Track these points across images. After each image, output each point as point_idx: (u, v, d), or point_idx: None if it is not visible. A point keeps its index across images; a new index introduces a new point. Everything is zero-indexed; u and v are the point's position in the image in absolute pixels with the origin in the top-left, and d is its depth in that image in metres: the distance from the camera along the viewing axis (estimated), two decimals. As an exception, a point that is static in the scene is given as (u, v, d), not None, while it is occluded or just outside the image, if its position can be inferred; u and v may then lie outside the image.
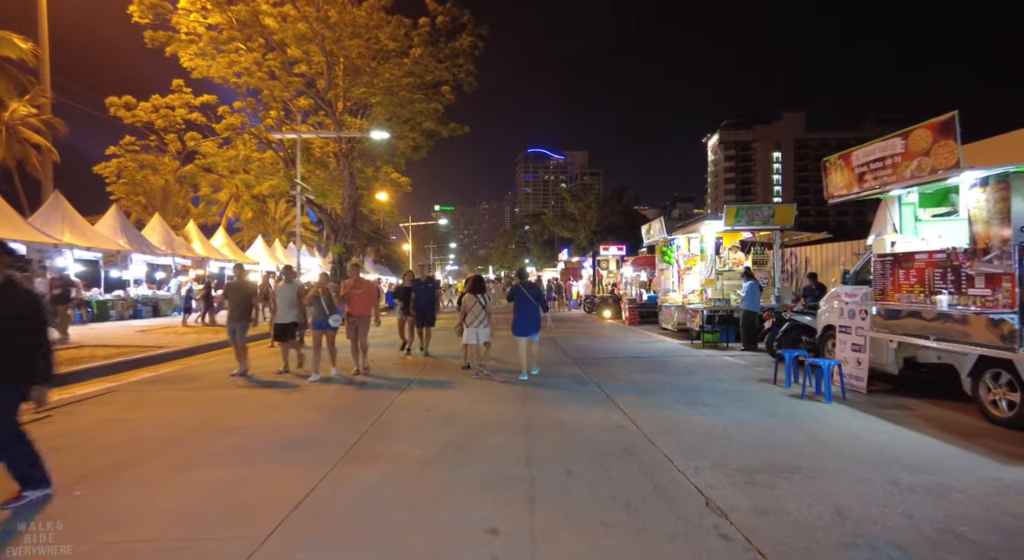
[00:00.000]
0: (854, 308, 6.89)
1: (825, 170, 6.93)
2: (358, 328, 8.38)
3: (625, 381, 7.89)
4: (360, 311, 8.34)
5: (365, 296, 8.37)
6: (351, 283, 8.36)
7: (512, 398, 6.79)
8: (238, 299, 8.25)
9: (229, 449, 4.84)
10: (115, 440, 5.13)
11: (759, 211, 12.06)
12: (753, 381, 7.82)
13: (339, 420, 5.77)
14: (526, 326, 8.19)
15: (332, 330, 8.05)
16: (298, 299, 8.34)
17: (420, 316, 10.52)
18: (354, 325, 8.37)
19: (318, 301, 8.01)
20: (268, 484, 3.97)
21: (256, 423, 5.70)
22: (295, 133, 20.69)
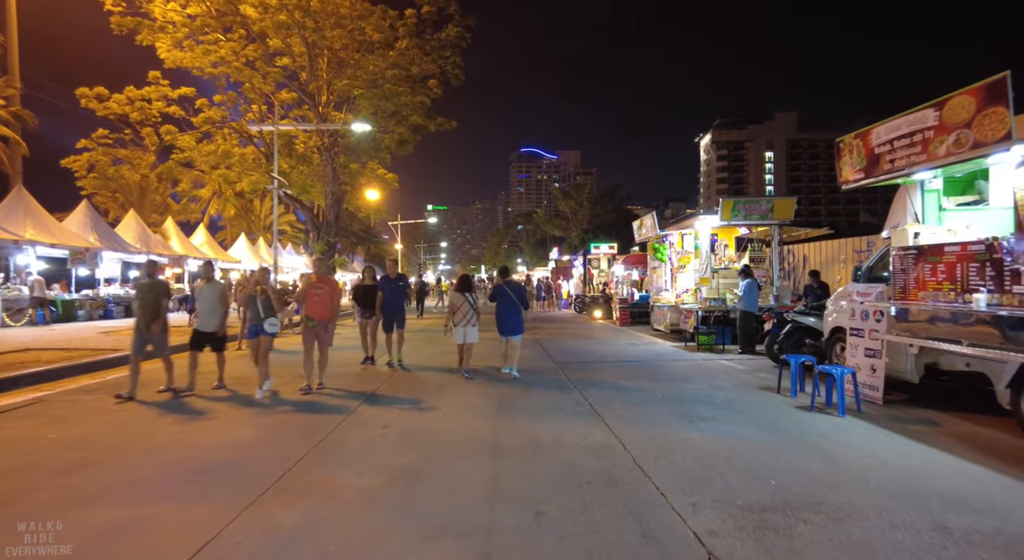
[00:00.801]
0: (868, 309, 6.16)
1: (838, 152, 6.18)
2: (318, 335, 7.07)
3: (613, 389, 7.12)
4: (322, 314, 7.06)
5: (327, 297, 7.10)
6: (313, 281, 7.12)
7: (485, 410, 6.00)
8: (147, 302, 6.72)
9: (135, 479, 4.02)
10: (3, 466, 4.30)
11: (757, 205, 11.35)
12: (754, 389, 7.08)
13: (276, 442, 4.95)
14: (508, 325, 8.26)
15: (269, 336, 6.78)
16: (222, 302, 7.02)
17: (387, 320, 8.98)
18: (313, 331, 7.02)
19: (253, 303, 6.77)
20: (159, 532, 3.16)
21: (180, 444, 4.87)
22: (272, 125, 19.76)
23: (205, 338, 7.07)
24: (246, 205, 41.73)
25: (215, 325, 7.02)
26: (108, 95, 22.57)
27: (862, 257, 13.28)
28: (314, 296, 7.02)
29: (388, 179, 30.39)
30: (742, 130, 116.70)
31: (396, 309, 9.04)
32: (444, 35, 24.91)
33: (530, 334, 14.67)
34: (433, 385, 7.55)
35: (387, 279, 9.15)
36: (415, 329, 16.52)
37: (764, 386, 7.22)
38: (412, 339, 13.96)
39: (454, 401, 6.50)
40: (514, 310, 8.25)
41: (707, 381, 7.68)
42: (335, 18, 22.84)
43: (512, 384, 7.59)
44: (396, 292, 9.09)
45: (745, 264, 11.42)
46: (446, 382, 7.78)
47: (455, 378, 8.09)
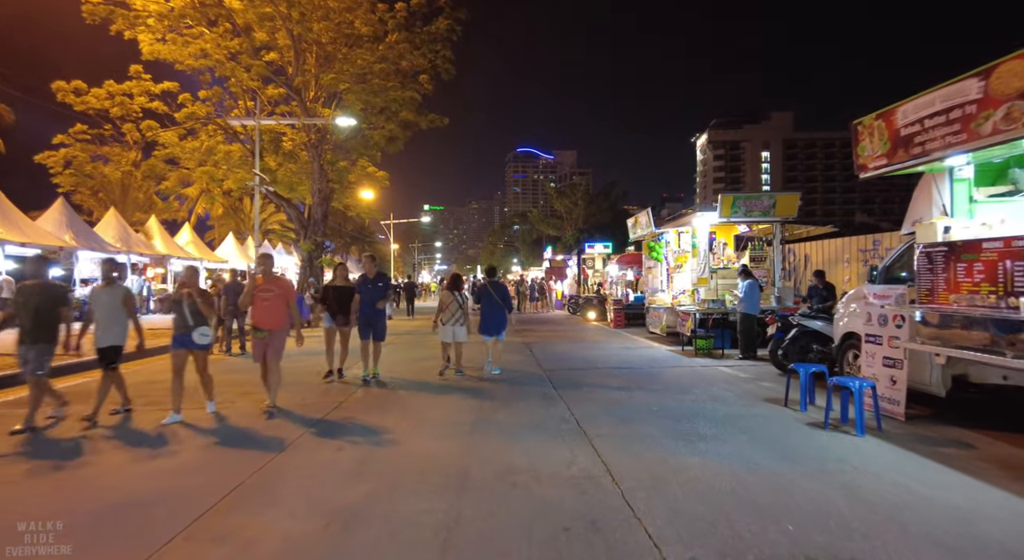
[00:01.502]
0: (886, 313, 5.49)
1: (856, 136, 5.51)
2: (268, 346, 5.93)
3: (603, 402, 6.43)
4: (270, 322, 5.90)
5: (277, 301, 5.94)
6: (259, 282, 6.00)
7: (457, 428, 5.30)
8: (32, 310, 5.24)
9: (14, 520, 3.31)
10: None
11: (759, 201, 10.68)
12: (759, 401, 6.41)
13: (206, 471, 4.24)
14: (491, 325, 8.34)
15: (200, 349, 5.65)
16: (126, 309, 5.69)
17: (365, 326, 7.81)
18: (262, 342, 5.91)
19: (179, 308, 5.60)
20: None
21: (84, 475, 4.16)
22: (253, 119, 19.03)
23: (105, 353, 5.66)
24: (234, 204, 40.89)
25: (116, 337, 5.70)
26: (86, 89, 21.77)
27: (867, 256, 12.65)
28: (261, 300, 5.91)
29: (378, 177, 29.66)
30: (738, 130, 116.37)
31: (376, 314, 7.79)
32: (434, 28, 24.22)
33: (519, 337, 14.00)
34: (405, 398, 6.85)
35: (365, 280, 7.90)
36: (401, 331, 15.82)
37: (770, 398, 6.55)
38: (397, 342, 13.27)
39: (425, 417, 5.80)
40: (497, 310, 8.38)
41: (706, 391, 7.01)
42: (322, 10, 22.12)
43: (493, 395, 6.90)
44: (376, 295, 7.81)
45: (744, 264, 10.76)
46: (421, 394, 7.08)
47: (432, 388, 7.40)
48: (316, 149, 25.38)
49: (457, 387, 7.47)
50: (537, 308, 26.45)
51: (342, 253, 63.41)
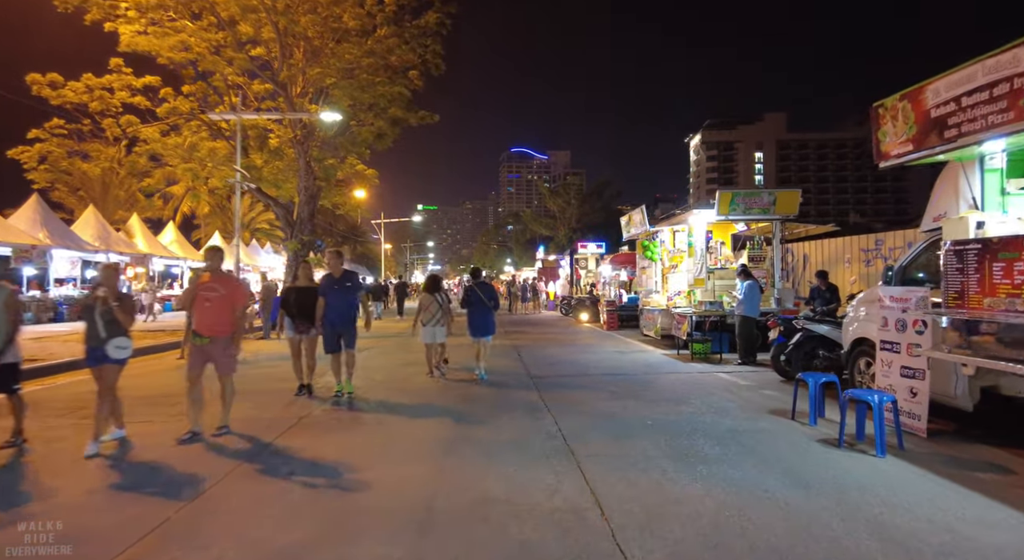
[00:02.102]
0: (905, 318, 4.98)
1: (876, 121, 4.98)
2: (209, 357, 5.06)
3: (594, 414, 5.88)
4: (212, 327, 5.00)
5: (222, 303, 5.03)
6: (203, 280, 5.13)
7: (430, 448, 4.73)
8: None
9: None
10: None
11: (758, 198, 10.18)
12: (764, 414, 5.88)
13: (128, 504, 3.66)
14: (479, 327, 8.22)
15: (113, 364, 4.68)
16: (8, 316, 4.62)
17: (332, 335, 6.64)
18: (203, 352, 5.03)
19: (90, 316, 4.63)
20: None
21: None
22: (234, 114, 18.36)
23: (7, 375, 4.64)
24: (221, 202, 40.01)
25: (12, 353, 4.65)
26: (63, 82, 21.02)
27: (869, 257, 12.18)
28: (204, 302, 5.00)
29: (368, 175, 29.03)
30: (732, 130, 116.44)
31: (344, 321, 6.65)
32: (423, 22, 23.63)
33: (508, 340, 13.44)
34: (377, 413, 6.27)
35: (330, 280, 6.68)
36: (390, 333, 15.21)
37: (775, 409, 6.02)
38: (382, 345, 12.69)
39: (395, 436, 5.23)
40: (485, 311, 8.25)
41: (705, 401, 6.48)
42: (309, 3, 21.47)
43: (474, 407, 6.34)
44: (344, 299, 6.65)
45: (743, 264, 10.26)
46: (396, 407, 6.50)
47: (410, 399, 6.82)
48: (302, 146, 24.72)
49: (437, 397, 6.90)
50: (528, 309, 25.91)
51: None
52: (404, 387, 7.58)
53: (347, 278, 6.78)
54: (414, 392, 7.24)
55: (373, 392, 7.20)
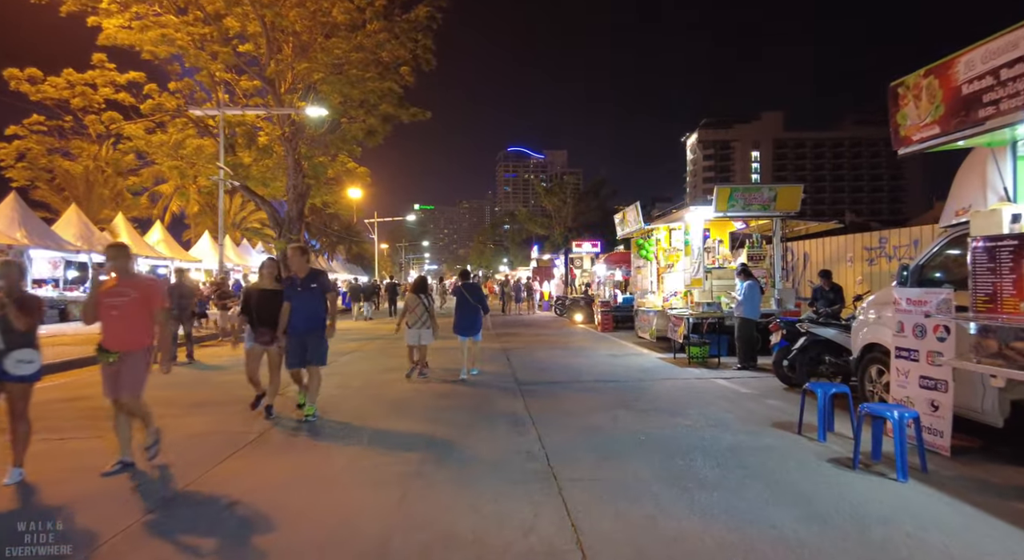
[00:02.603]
0: (924, 323, 4.48)
1: (895, 102, 4.47)
2: (119, 374, 4.14)
3: (582, 428, 5.37)
4: (120, 341, 4.15)
5: (132, 310, 4.15)
6: (109, 284, 4.23)
7: (396, 470, 4.21)
8: None
9: None
10: None
11: (758, 193, 9.69)
12: (767, 427, 5.38)
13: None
14: (466, 326, 8.30)
15: (18, 382, 3.89)
16: None
17: (296, 347, 5.62)
18: (112, 369, 4.15)
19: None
20: None
21: None
22: (218, 110, 17.80)
23: None
24: (211, 201, 39.40)
25: None
26: (43, 78, 20.44)
27: (872, 255, 11.72)
28: (110, 310, 4.10)
29: (359, 173, 28.50)
30: (728, 129, 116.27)
31: (310, 329, 5.64)
32: (414, 16, 23.14)
33: (498, 342, 12.94)
34: (345, 425, 5.74)
35: (292, 282, 5.68)
36: (376, 335, 14.68)
37: (779, 422, 5.52)
38: (366, 349, 12.16)
39: (360, 455, 4.70)
40: (472, 312, 8.32)
41: (703, 412, 5.97)
42: (296, -4, 20.92)
43: (453, 418, 5.82)
44: (309, 302, 5.64)
45: (743, 263, 9.76)
46: (368, 418, 5.98)
47: (384, 409, 6.31)
48: (290, 143, 24.17)
49: (414, 408, 6.39)
50: (521, 310, 25.40)
51: (327, 253, 62.13)
52: (380, 395, 7.06)
53: (313, 279, 5.72)
54: (390, 401, 6.72)
55: (346, 402, 6.67)
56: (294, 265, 5.78)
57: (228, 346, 12.40)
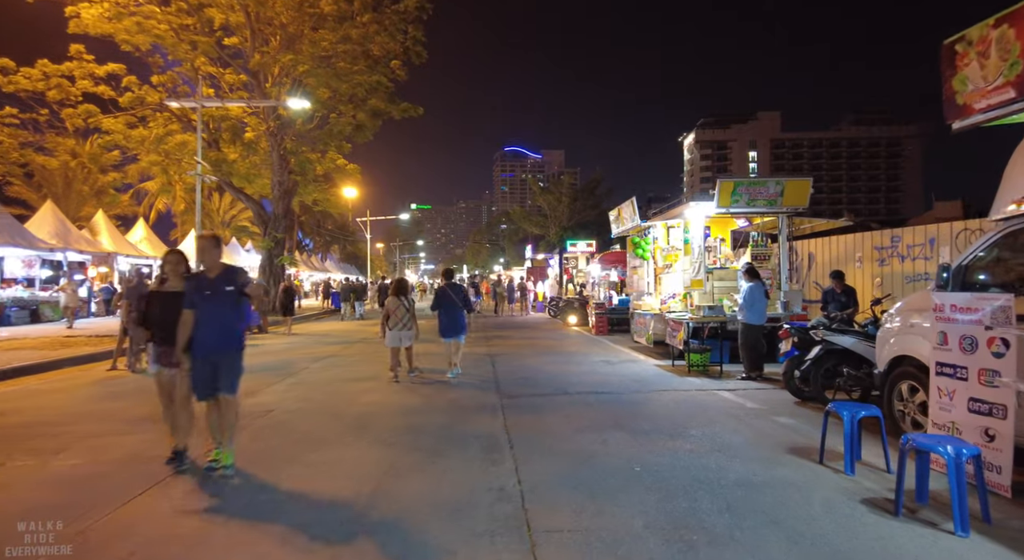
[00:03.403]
0: (975, 334, 3.73)
1: (951, 62, 3.65)
2: None
3: (567, 455, 4.60)
4: None
5: None
6: None
7: (332, 517, 3.42)
8: None
9: None
10: None
11: (764, 188, 8.93)
12: (782, 453, 4.61)
13: None
14: (450, 328, 8.26)
15: None
16: None
17: (203, 369, 4.13)
18: None
19: None
20: None
21: None
22: (196, 102, 16.95)
23: None
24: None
25: None
26: (15, 69, 19.61)
27: (884, 255, 10.99)
28: None
29: (349, 170, 27.70)
30: (726, 129, 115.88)
31: (221, 346, 4.15)
32: (403, 7, 22.39)
33: (486, 347, 12.16)
34: (292, 447, 4.95)
35: (199, 283, 4.22)
36: (358, 338, 13.87)
37: (795, 447, 4.76)
38: (346, 353, 11.35)
39: (290, 494, 3.90)
40: (457, 313, 8.27)
41: (707, 433, 5.21)
42: (281, -13, 20.14)
43: (418, 439, 5.04)
44: (221, 310, 4.17)
45: (749, 262, 9.00)
46: (317, 443, 5.18)
47: (341, 428, 5.52)
48: (276, 138, 23.41)
49: (376, 425, 5.60)
50: (514, 311, 24.62)
51: (322, 252, 61.28)
52: (342, 412, 6.27)
53: (228, 278, 4.24)
54: (352, 419, 5.93)
55: (301, 421, 5.87)
56: (203, 259, 4.37)
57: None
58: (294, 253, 45.94)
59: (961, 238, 9.11)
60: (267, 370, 9.22)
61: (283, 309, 15.23)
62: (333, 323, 20.83)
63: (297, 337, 14.62)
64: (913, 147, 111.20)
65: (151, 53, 21.27)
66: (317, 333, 16.27)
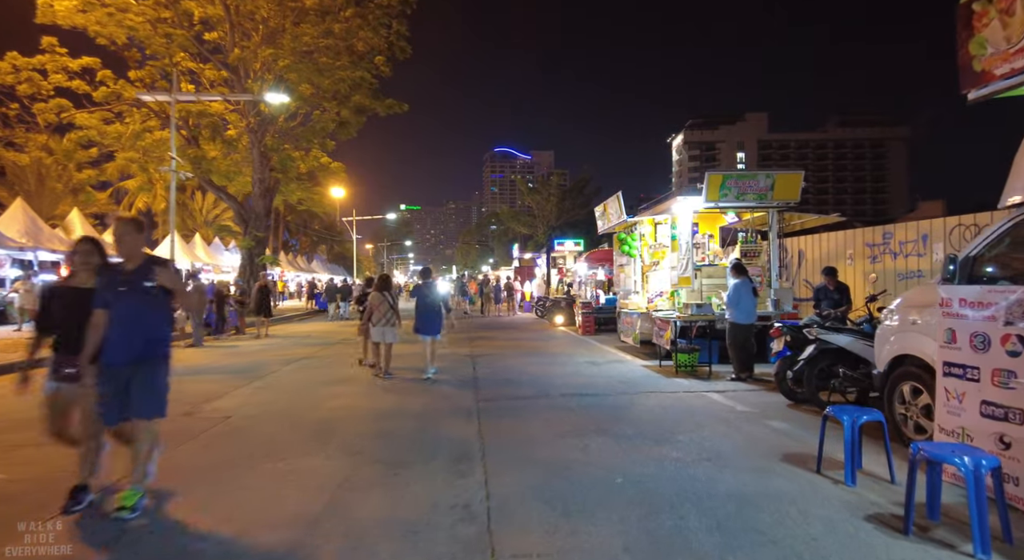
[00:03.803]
0: (988, 331, 3.40)
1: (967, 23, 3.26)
2: None
3: (544, 465, 4.20)
4: None
5: None
6: None
7: (272, 540, 3.00)
8: None
9: None
10: None
11: (753, 181, 8.60)
12: (776, 460, 4.25)
13: None
14: (427, 326, 8.14)
15: None
16: None
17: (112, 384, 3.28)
18: None
19: None
20: None
21: None
22: (169, 95, 16.38)
23: None
24: (179, 198, 37.71)
25: None
26: (-19, 61, 18.94)
27: (875, 252, 10.73)
28: None
29: (334, 169, 27.16)
30: (714, 130, 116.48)
31: (138, 355, 3.34)
32: (386, 0, 21.94)
33: (468, 347, 11.74)
34: (235, 462, 4.51)
35: (111, 277, 3.41)
36: (337, 340, 13.35)
37: (790, 454, 4.40)
38: (322, 355, 10.76)
39: (229, 514, 3.48)
40: (433, 311, 8.19)
41: (695, 438, 4.84)
42: (260, -20, 19.61)
43: (382, 448, 4.62)
44: (140, 309, 3.37)
45: (737, 258, 8.68)
46: (270, 450, 4.74)
47: (302, 436, 5.08)
48: (256, 134, 22.85)
49: (341, 430, 5.17)
50: (500, 311, 24.21)
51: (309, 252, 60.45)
52: (303, 417, 5.83)
53: (147, 271, 3.35)
54: (313, 424, 5.49)
55: (257, 427, 5.43)
56: (121, 247, 3.45)
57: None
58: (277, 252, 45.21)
59: (955, 234, 8.85)
60: (235, 373, 8.75)
61: (258, 309, 14.68)
62: (316, 324, 20.30)
63: (274, 339, 14.11)
64: (898, 148, 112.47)
65: (128, 47, 20.64)
66: (297, 334, 15.77)
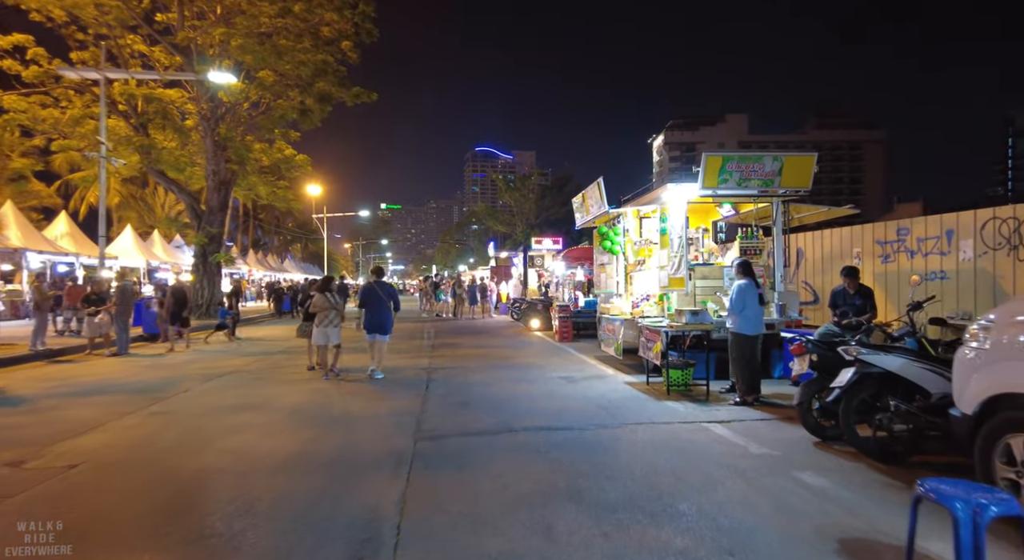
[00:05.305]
0: None
1: None
2: None
3: (490, 545, 2.73)
4: None
5: None
6: None
7: None
8: None
9: None
10: None
11: (759, 164, 7.23)
12: (831, 554, 2.83)
13: None
14: (375, 325, 7.99)
15: None
16: None
17: None
18: None
19: None
20: None
21: None
22: (98, 72, 14.55)
23: None
24: (134, 191, 35.43)
25: None
26: None
27: (888, 251, 9.48)
28: None
29: (298, 161, 25.33)
30: (695, 132, 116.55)
31: None
32: (349, -21, 20.32)
33: (427, 358, 10.25)
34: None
35: None
36: (281, 347, 11.66)
37: (849, 541, 2.97)
38: (259, 366, 9.04)
39: None
40: (383, 310, 8.06)
41: (706, 509, 3.40)
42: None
43: (254, 532, 3.09)
44: None
45: (743, 257, 7.31)
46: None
47: (132, 515, 3.52)
48: (208, 122, 21.03)
49: (202, 502, 3.62)
50: (475, 313, 22.70)
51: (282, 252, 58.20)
52: (180, 465, 4.27)
53: None
54: (182, 480, 3.94)
55: (104, 481, 3.86)
56: None
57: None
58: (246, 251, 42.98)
59: (989, 228, 7.60)
60: (137, 392, 7.16)
61: (172, 318, 12.68)
62: (273, 328, 18.59)
63: (212, 347, 12.41)
64: (875, 150, 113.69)
65: (67, 25, 18.71)
66: (244, 340, 14.09)
